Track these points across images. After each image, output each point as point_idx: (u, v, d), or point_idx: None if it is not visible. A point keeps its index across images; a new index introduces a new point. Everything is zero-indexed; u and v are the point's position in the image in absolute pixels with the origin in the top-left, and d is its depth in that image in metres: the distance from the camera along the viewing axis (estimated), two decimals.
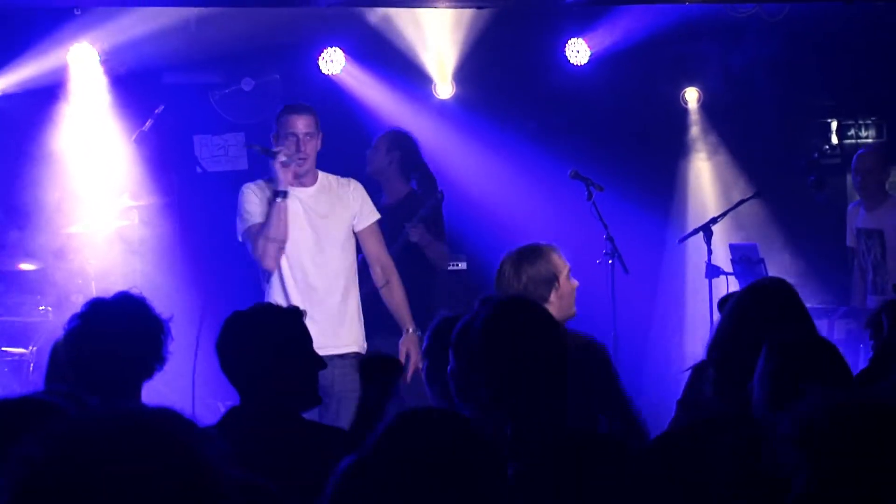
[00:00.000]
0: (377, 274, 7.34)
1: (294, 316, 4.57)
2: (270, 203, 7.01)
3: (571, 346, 3.82)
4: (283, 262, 7.09)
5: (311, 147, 7.12)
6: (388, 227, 7.95)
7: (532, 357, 3.64)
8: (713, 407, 3.98)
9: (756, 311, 4.02)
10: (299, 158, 7.05)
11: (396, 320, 7.28)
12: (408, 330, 7.17)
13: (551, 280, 5.63)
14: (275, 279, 7.09)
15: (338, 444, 4.33)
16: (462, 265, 9.91)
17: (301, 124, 7.10)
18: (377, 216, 7.37)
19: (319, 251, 7.12)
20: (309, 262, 7.10)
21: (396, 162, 8.59)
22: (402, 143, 8.69)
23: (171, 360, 4.62)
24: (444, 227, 8.65)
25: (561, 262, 5.69)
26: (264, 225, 7.00)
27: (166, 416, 1.68)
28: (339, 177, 7.31)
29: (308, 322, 6.84)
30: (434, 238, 8.43)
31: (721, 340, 4.02)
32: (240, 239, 7.20)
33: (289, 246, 7.07)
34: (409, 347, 7.10)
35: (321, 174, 7.26)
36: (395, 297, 7.29)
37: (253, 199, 7.10)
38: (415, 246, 8.35)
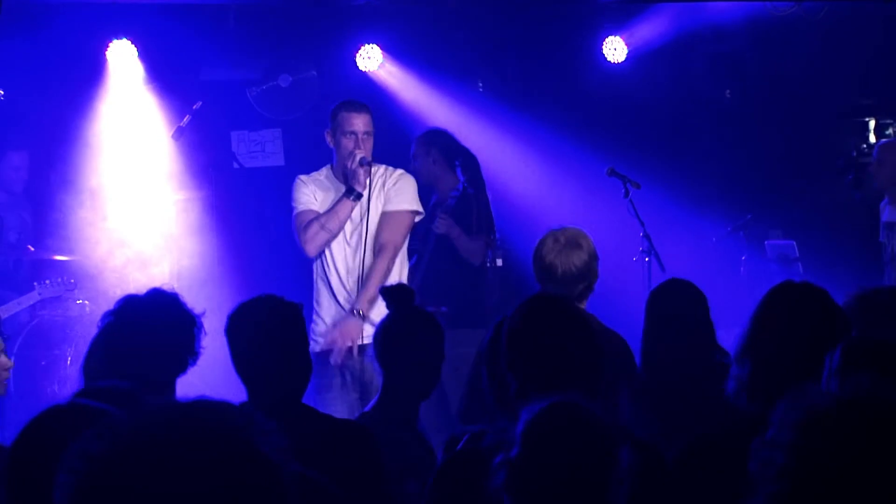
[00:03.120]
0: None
1: (295, 308, 4.57)
2: (341, 196, 7.07)
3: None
4: (327, 256, 7.15)
5: (369, 145, 7.13)
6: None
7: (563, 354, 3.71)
8: (745, 410, 3.94)
9: (781, 313, 3.98)
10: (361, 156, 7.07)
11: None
12: (352, 310, 6.97)
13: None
14: (319, 271, 7.17)
15: (354, 436, 4.36)
16: (499, 262, 9.90)
17: (360, 123, 7.13)
18: (405, 207, 7.22)
19: (356, 247, 7.16)
20: (358, 256, 7.12)
21: (438, 158, 8.48)
22: (435, 138, 8.62)
23: (210, 354, 4.66)
24: (484, 221, 8.47)
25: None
26: (325, 213, 7.07)
27: (224, 410, 1.68)
28: (388, 167, 7.29)
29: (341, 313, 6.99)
30: (465, 232, 8.32)
31: (749, 345, 3.97)
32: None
33: (338, 243, 7.14)
34: (347, 327, 6.94)
35: (372, 170, 7.21)
36: (369, 276, 7.05)
37: (301, 189, 7.20)
38: (447, 239, 8.29)
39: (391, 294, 5.15)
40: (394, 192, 7.19)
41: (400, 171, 7.33)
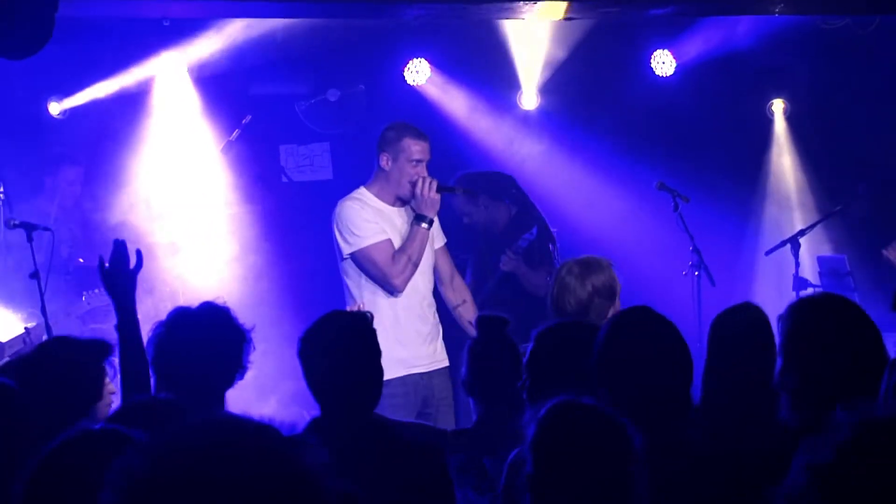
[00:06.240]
0: (451, 293, 7.47)
1: (366, 321, 4.57)
2: (414, 225, 7.14)
3: None
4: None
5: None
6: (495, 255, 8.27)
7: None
8: (792, 429, 3.89)
9: (816, 329, 3.92)
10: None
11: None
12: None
13: (613, 294, 5.65)
14: (382, 300, 7.11)
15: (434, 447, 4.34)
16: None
17: (426, 152, 7.24)
18: (445, 239, 7.54)
19: (422, 272, 7.23)
20: (417, 281, 7.18)
21: (486, 200, 8.61)
22: (476, 184, 8.62)
23: (255, 367, 4.67)
24: (544, 252, 8.52)
25: (617, 279, 5.74)
26: (408, 244, 7.10)
27: (263, 426, 1.67)
28: None
29: (414, 338, 7.03)
30: (532, 269, 8.33)
31: (790, 364, 3.92)
32: (345, 255, 7.21)
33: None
34: None
35: None
36: (472, 313, 7.27)
37: (364, 216, 7.16)
38: (512, 275, 8.32)
39: (487, 324, 5.11)
40: (437, 226, 7.41)
41: None
